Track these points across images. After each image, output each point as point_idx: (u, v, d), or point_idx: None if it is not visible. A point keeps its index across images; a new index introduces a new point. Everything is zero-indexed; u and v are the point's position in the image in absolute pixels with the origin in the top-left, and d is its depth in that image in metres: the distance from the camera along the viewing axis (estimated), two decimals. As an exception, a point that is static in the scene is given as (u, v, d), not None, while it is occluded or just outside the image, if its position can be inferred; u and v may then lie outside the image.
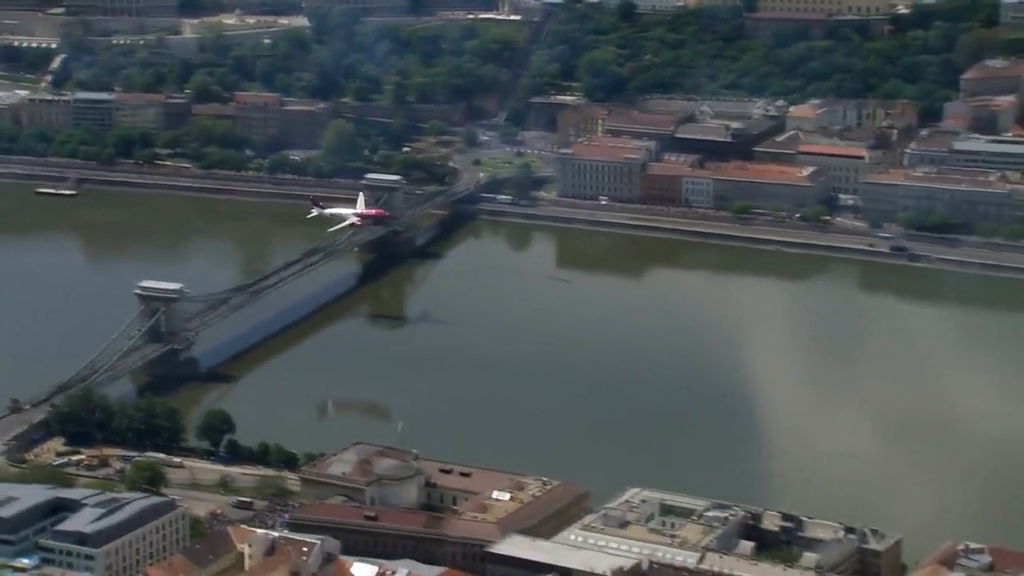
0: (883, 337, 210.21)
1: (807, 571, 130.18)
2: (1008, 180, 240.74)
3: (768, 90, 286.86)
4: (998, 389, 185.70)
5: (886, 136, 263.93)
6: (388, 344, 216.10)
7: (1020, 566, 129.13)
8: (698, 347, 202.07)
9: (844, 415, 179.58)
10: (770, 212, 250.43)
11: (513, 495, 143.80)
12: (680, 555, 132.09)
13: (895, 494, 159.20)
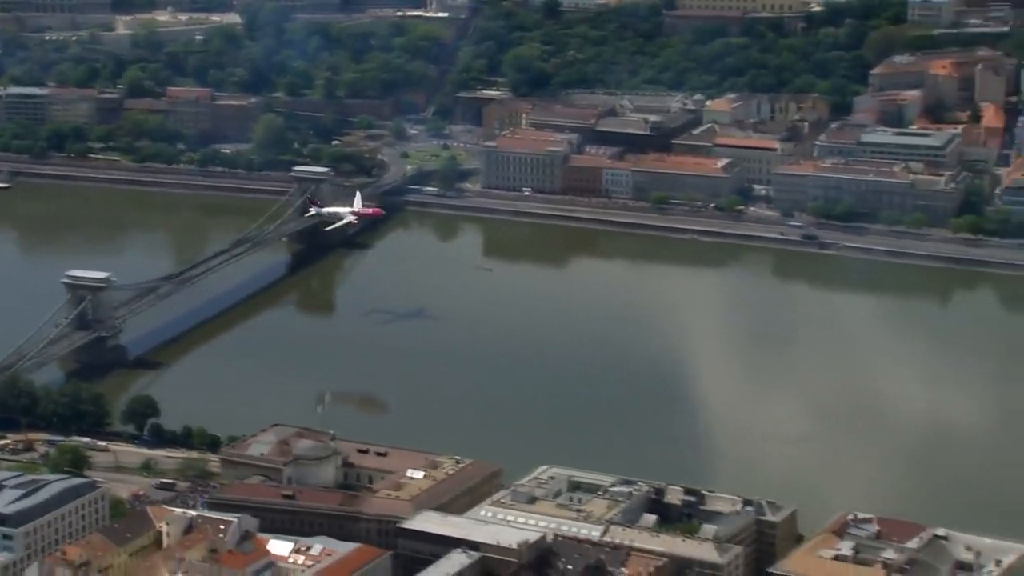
0: (797, 322, 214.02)
1: (705, 542, 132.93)
2: (911, 170, 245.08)
3: (686, 85, 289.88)
4: (903, 370, 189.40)
5: (798, 129, 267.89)
6: (317, 331, 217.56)
7: (905, 534, 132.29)
8: (618, 333, 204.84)
9: (760, 396, 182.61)
10: (687, 202, 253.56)
11: (427, 473, 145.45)
12: (585, 528, 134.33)
13: (803, 470, 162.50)
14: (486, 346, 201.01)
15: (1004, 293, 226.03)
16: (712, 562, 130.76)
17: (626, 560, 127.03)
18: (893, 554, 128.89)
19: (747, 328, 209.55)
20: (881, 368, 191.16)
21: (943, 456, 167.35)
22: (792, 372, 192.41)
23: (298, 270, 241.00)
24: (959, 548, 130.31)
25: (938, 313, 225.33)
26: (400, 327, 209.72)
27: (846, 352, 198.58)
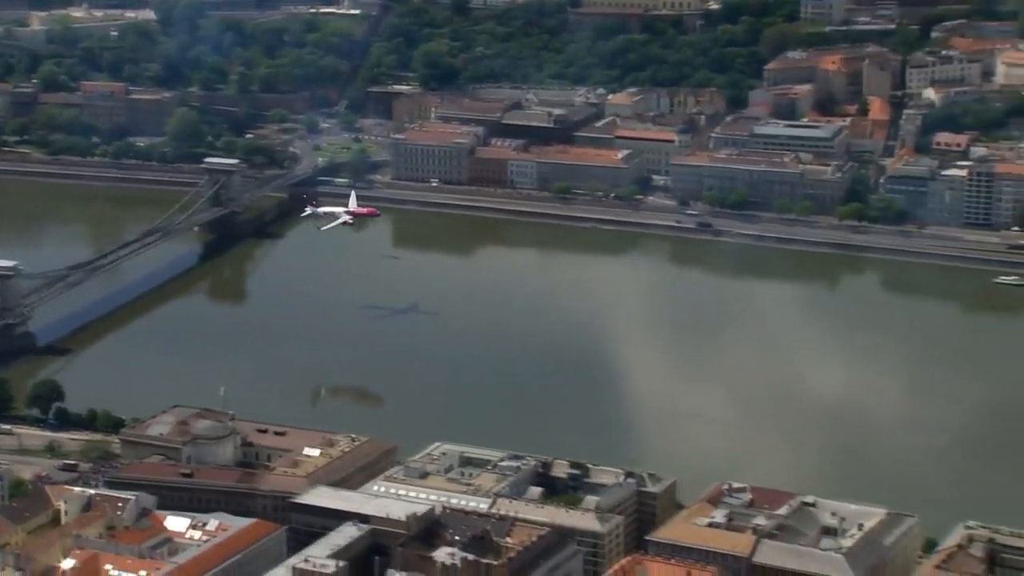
0: (693, 306, 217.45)
1: (587, 512, 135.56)
2: (801, 161, 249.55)
3: (590, 80, 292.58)
4: (794, 349, 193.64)
5: (695, 121, 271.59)
6: (227, 318, 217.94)
7: (776, 502, 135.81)
8: (525, 318, 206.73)
9: (657, 376, 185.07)
10: (588, 192, 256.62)
11: (323, 451, 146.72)
12: (473, 501, 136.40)
13: (692, 444, 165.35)
14: (393, 332, 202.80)
15: (886, 276, 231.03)
16: (593, 531, 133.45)
17: (510, 530, 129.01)
18: (763, 520, 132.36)
19: (645, 312, 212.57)
20: (772, 347, 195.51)
21: (826, 429, 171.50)
22: (688, 353, 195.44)
23: (210, 259, 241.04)
24: (825, 514, 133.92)
25: (826, 296, 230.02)
26: (310, 313, 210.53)
27: (739, 333, 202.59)
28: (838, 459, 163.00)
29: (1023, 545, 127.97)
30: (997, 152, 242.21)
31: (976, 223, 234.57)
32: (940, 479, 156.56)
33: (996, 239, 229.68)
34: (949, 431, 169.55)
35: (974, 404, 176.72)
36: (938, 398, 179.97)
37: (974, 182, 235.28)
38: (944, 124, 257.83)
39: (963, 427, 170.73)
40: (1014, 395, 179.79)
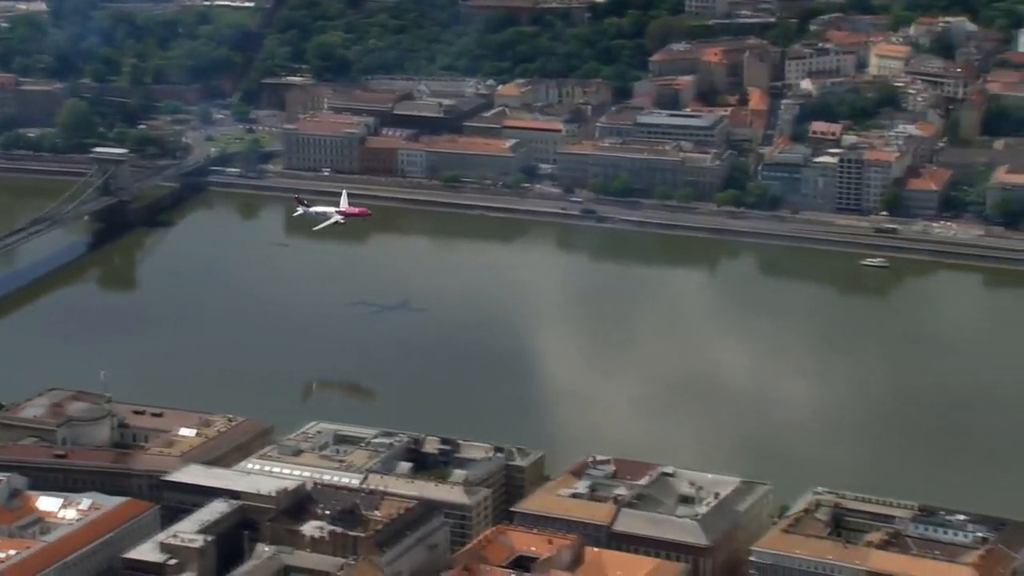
0: (580, 290, 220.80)
1: (455, 485, 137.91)
2: (682, 149, 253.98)
3: (480, 71, 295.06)
4: (674, 329, 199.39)
5: (581, 112, 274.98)
6: (115, 305, 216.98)
7: (638, 473, 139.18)
8: (421, 303, 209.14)
9: (542, 355, 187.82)
10: (476, 181, 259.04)
11: (199, 431, 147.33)
12: (345, 477, 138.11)
13: (569, 420, 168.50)
14: (282, 318, 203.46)
15: (763, 260, 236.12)
16: (460, 503, 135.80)
17: (379, 504, 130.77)
18: (624, 491, 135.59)
19: (531, 296, 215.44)
20: (654, 329, 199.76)
21: (698, 405, 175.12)
22: (576, 335, 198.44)
23: (100, 248, 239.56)
24: (683, 484, 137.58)
25: (706, 279, 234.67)
26: (202, 300, 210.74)
27: (624, 316, 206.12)
28: (706, 433, 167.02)
29: (866, 509, 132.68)
30: (867, 140, 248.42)
31: (847, 208, 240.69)
32: (799, 451, 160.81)
33: (865, 223, 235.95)
34: (814, 407, 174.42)
35: (840, 381, 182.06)
36: (807, 376, 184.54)
37: (844, 169, 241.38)
38: (820, 113, 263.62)
39: (828, 403, 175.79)
40: (878, 373, 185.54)
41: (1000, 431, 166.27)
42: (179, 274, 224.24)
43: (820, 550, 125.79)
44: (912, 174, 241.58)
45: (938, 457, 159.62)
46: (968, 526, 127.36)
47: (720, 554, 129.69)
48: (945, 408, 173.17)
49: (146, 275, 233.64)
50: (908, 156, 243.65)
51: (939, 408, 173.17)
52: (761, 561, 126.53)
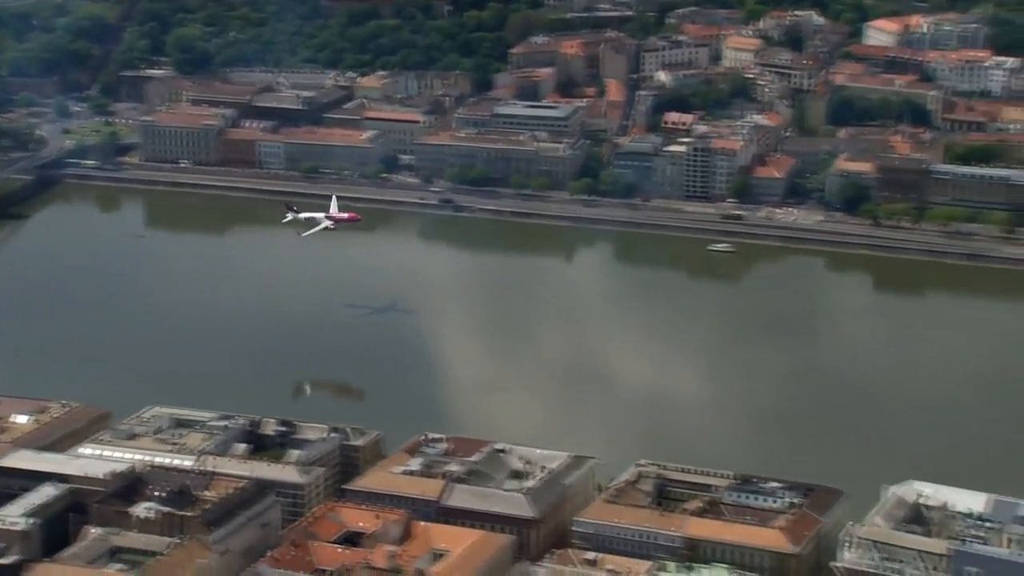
0: (440, 279, 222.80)
1: (289, 465, 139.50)
2: (537, 139, 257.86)
3: (342, 64, 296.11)
4: (539, 314, 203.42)
5: (441, 103, 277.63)
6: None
7: (471, 450, 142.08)
8: (273, 291, 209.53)
9: (410, 342, 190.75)
10: (336, 171, 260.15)
11: (35, 417, 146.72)
12: (179, 459, 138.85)
13: (425, 402, 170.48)
14: (134, 304, 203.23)
15: (617, 248, 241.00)
16: (294, 482, 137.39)
17: (210, 484, 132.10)
18: (455, 467, 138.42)
19: (394, 285, 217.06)
20: (510, 313, 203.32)
21: (550, 384, 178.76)
22: (431, 320, 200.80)
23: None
24: (514, 459, 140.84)
25: (565, 266, 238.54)
26: (55, 288, 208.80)
27: (480, 303, 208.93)
28: (545, 411, 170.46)
29: (687, 479, 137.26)
30: (716, 130, 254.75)
31: (696, 195, 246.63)
32: (633, 426, 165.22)
33: (713, 210, 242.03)
34: (657, 385, 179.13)
35: (686, 361, 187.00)
36: (653, 357, 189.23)
37: (692, 157, 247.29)
38: (674, 104, 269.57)
39: (671, 381, 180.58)
40: (727, 353, 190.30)
41: (838, 406, 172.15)
42: (33, 264, 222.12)
43: (639, 519, 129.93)
44: (758, 162, 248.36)
45: (773, 430, 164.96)
46: (780, 493, 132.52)
47: (547, 525, 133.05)
48: (788, 385, 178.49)
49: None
50: (754, 145, 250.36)
51: (782, 385, 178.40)
52: (583, 531, 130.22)
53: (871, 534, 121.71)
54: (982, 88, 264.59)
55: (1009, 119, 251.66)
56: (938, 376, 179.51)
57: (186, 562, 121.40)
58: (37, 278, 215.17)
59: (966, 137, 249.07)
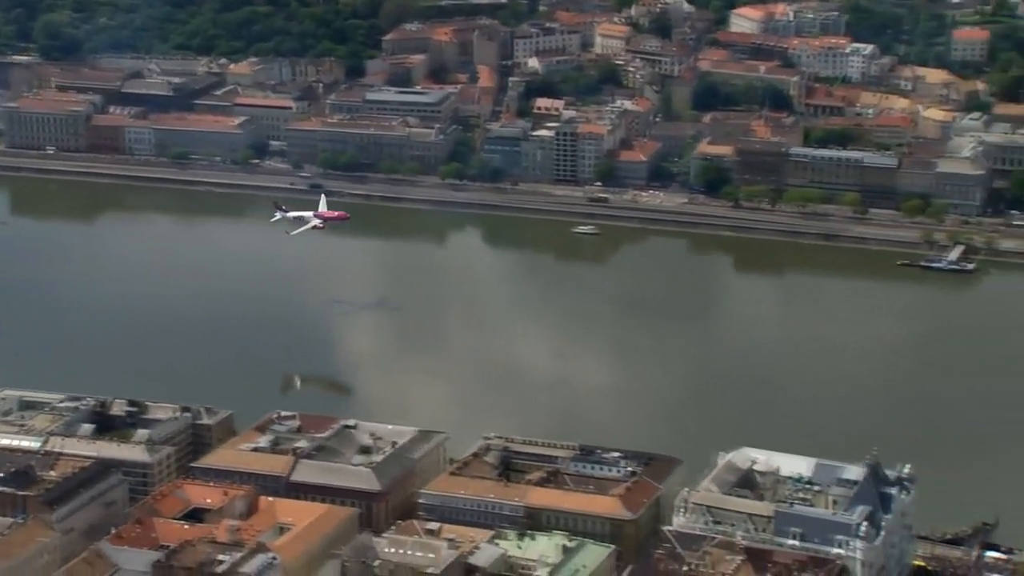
0: (309, 263, 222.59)
1: (137, 444, 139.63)
2: (408, 124, 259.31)
3: (215, 50, 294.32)
4: (407, 300, 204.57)
5: (313, 89, 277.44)
6: None
7: (322, 427, 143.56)
8: (139, 278, 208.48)
9: (273, 322, 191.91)
10: (205, 157, 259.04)
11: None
12: (26, 440, 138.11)
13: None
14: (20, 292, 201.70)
15: (486, 231, 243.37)
16: (142, 461, 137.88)
17: (55, 464, 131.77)
18: (304, 443, 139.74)
19: (264, 267, 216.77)
20: (381, 296, 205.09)
21: (412, 362, 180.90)
22: (301, 302, 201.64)
23: None
24: (364, 435, 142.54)
25: (438, 251, 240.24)
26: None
27: (349, 285, 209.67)
28: (404, 388, 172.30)
29: (533, 451, 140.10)
30: (584, 115, 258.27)
31: (564, 179, 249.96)
32: (485, 402, 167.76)
33: (580, 193, 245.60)
34: (518, 363, 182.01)
35: (550, 340, 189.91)
36: (520, 335, 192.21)
37: (560, 142, 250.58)
38: (545, 90, 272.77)
39: (535, 359, 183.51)
40: (594, 332, 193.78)
41: (688, 380, 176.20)
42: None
43: (483, 490, 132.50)
44: (625, 147, 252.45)
45: (626, 403, 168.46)
46: (621, 462, 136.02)
47: (393, 498, 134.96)
48: (645, 361, 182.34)
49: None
50: (621, 130, 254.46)
51: (640, 361, 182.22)
52: (428, 503, 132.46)
53: (703, 499, 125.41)
54: (841, 74, 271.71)
55: (866, 104, 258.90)
56: (788, 350, 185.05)
57: (26, 541, 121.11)
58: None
59: (825, 121, 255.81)
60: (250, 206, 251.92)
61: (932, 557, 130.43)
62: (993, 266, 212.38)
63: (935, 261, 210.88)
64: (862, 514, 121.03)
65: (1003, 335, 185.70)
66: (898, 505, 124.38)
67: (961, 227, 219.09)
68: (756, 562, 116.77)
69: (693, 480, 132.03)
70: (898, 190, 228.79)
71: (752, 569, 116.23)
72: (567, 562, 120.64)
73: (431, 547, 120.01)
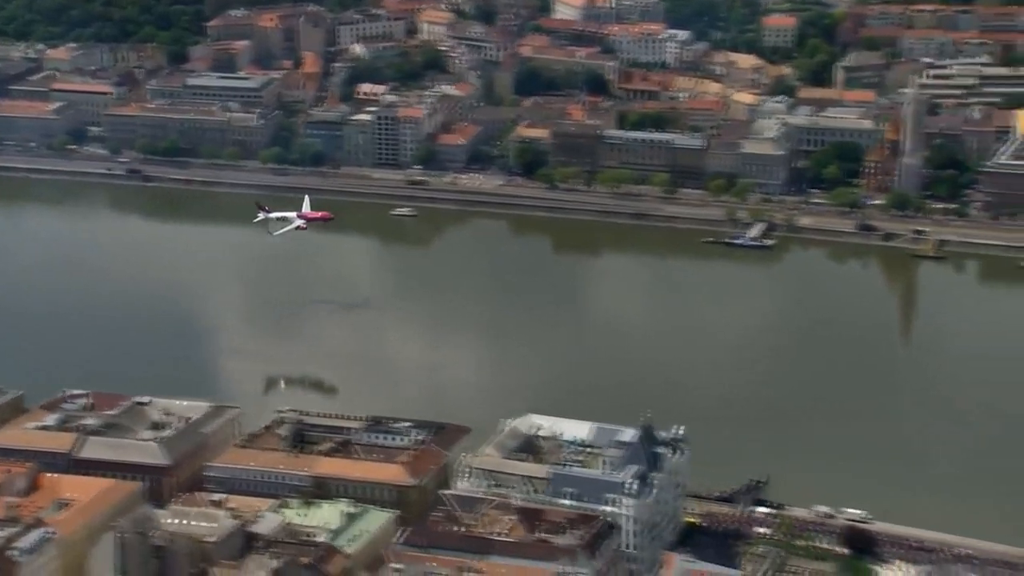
0: (132, 248, 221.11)
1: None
2: (229, 110, 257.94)
3: (33, 35, 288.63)
4: (232, 284, 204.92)
5: (132, 75, 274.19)
6: None
7: (113, 404, 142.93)
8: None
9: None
10: (20, 143, 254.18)
11: None
12: None
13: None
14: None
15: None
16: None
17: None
18: (92, 420, 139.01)
19: (77, 254, 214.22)
20: (209, 280, 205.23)
21: (248, 340, 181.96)
22: (122, 287, 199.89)
23: None
24: (156, 411, 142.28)
25: (258, 237, 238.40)
26: None
27: (171, 267, 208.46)
28: (204, 363, 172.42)
29: (324, 423, 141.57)
30: (405, 100, 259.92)
31: (385, 163, 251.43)
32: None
33: (400, 176, 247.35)
34: (335, 339, 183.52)
35: (369, 321, 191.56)
36: (333, 316, 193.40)
37: (380, 126, 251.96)
38: (369, 76, 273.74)
39: (341, 338, 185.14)
40: (401, 311, 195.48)
41: (496, 351, 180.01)
42: None
43: (271, 461, 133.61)
44: (445, 131, 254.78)
45: (442, 377, 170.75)
46: (411, 431, 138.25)
47: (182, 472, 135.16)
48: (461, 335, 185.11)
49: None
50: (441, 114, 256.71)
51: (458, 336, 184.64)
52: (216, 475, 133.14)
53: (483, 463, 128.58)
54: (658, 59, 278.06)
55: (680, 88, 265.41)
56: (593, 325, 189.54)
57: None
58: None
59: (641, 105, 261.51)
60: (67, 195, 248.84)
61: (705, 514, 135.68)
62: (792, 242, 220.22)
63: (737, 238, 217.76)
64: (633, 473, 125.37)
65: (799, 308, 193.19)
66: (669, 464, 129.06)
67: (763, 205, 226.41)
68: (528, 521, 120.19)
69: (480, 447, 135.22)
70: (706, 170, 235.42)
71: (525, 528, 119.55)
72: (348, 528, 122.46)
73: (212, 517, 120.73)
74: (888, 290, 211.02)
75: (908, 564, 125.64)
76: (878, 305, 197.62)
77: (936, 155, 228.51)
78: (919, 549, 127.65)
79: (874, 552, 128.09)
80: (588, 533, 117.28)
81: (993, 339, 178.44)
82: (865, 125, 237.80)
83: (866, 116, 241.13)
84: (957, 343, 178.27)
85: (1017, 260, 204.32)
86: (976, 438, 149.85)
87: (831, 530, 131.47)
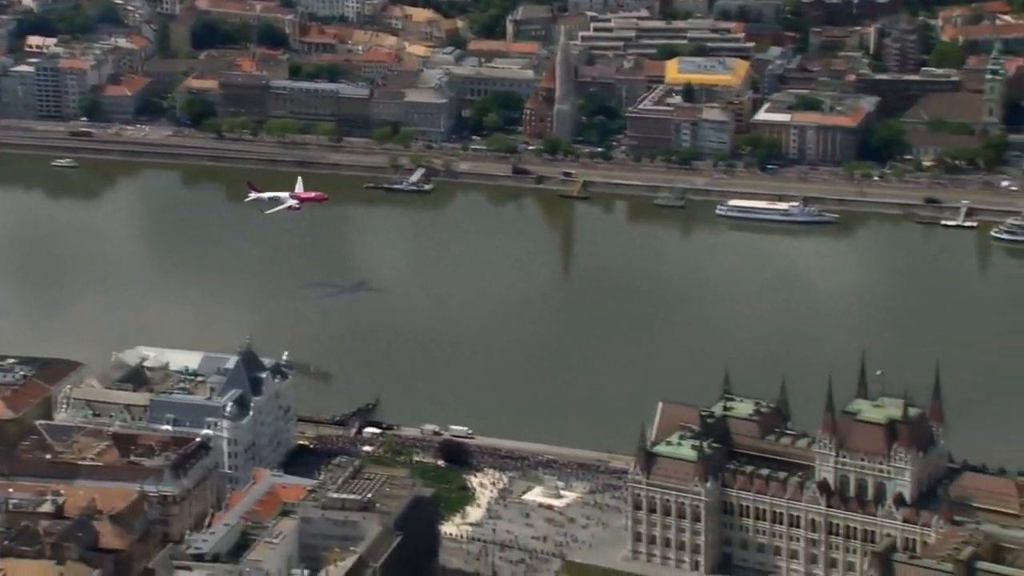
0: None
1: None
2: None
3: None
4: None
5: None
6: None
7: None
8: None
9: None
10: None
11: None
12: None
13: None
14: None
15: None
16: None
17: None
18: None
19: None
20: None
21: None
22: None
23: None
24: None
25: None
26: None
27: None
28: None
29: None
30: (72, 51, 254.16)
31: (48, 115, 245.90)
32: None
33: (63, 128, 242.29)
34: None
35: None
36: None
37: (41, 77, 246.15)
38: (39, 28, 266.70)
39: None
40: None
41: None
42: None
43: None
44: (112, 82, 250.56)
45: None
46: (16, 368, 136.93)
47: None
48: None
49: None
50: (109, 66, 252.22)
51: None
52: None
53: (83, 394, 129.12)
54: (337, 13, 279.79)
55: (357, 41, 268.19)
56: (240, 265, 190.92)
57: None
58: None
59: (318, 58, 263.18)
60: None
61: (316, 437, 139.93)
62: (453, 187, 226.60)
63: (397, 183, 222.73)
64: (231, 397, 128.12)
65: (458, 247, 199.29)
66: (270, 388, 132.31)
67: (424, 152, 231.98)
68: (122, 446, 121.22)
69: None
70: (372, 119, 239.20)
71: (118, 452, 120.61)
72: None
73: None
74: (547, 229, 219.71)
75: (497, 471, 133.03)
76: (534, 244, 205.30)
77: (589, 102, 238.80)
78: (508, 457, 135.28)
79: (468, 462, 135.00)
80: (178, 454, 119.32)
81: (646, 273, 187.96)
82: (526, 75, 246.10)
83: (528, 66, 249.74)
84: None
85: (652, 199, 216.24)
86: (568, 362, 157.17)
87: (431, 445, 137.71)
